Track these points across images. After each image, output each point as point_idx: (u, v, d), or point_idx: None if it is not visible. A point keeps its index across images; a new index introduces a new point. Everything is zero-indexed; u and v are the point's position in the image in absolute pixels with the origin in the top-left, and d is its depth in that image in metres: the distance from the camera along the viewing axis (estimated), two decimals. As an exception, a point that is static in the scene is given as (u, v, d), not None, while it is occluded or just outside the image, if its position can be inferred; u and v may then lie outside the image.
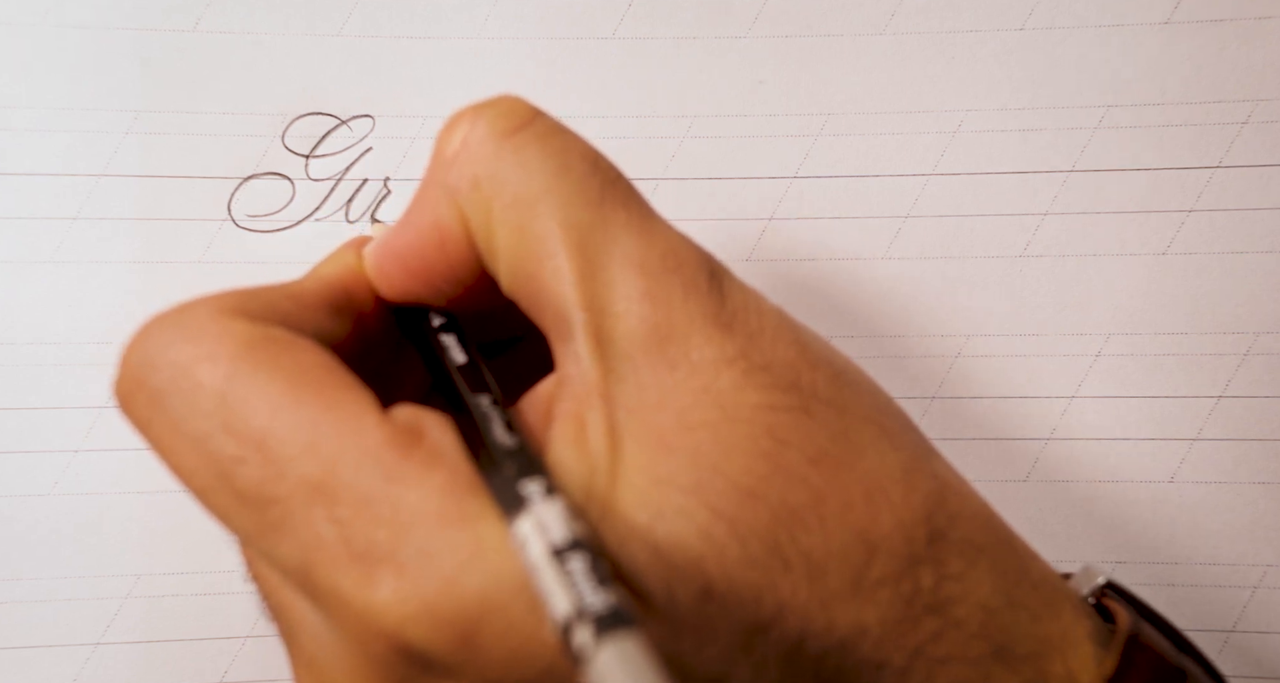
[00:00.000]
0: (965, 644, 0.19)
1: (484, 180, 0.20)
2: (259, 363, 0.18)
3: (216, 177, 0.32)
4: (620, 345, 0.19)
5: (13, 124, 0.32)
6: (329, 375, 0.19)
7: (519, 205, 0.19)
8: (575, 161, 0.20)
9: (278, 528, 0.18)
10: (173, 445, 0.19)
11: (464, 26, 0.32)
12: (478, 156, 0.20)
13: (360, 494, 0.17)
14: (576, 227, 0.19)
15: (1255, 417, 0.31)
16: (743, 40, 0.32)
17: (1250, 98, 0.32)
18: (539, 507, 0.17)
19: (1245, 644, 0.31)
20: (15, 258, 0.31)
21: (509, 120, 0.20)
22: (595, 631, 0.15)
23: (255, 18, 0.32)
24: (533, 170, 0.19)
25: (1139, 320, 0.32)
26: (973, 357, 0.32)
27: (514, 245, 0.19)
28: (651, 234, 0.19)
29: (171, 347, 0.19)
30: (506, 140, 0.20)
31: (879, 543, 0.18)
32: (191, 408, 0.18)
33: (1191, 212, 0.32)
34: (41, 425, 0.31)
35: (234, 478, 0.18)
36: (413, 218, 0.21)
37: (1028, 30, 0.32)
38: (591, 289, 0.19)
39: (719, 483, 0.18)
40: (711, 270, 0.20)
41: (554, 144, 0.20)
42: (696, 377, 0.18)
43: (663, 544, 0.17)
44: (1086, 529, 0.32)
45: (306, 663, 0.19)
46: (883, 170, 0.32)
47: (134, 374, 0.19)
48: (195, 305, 0.20)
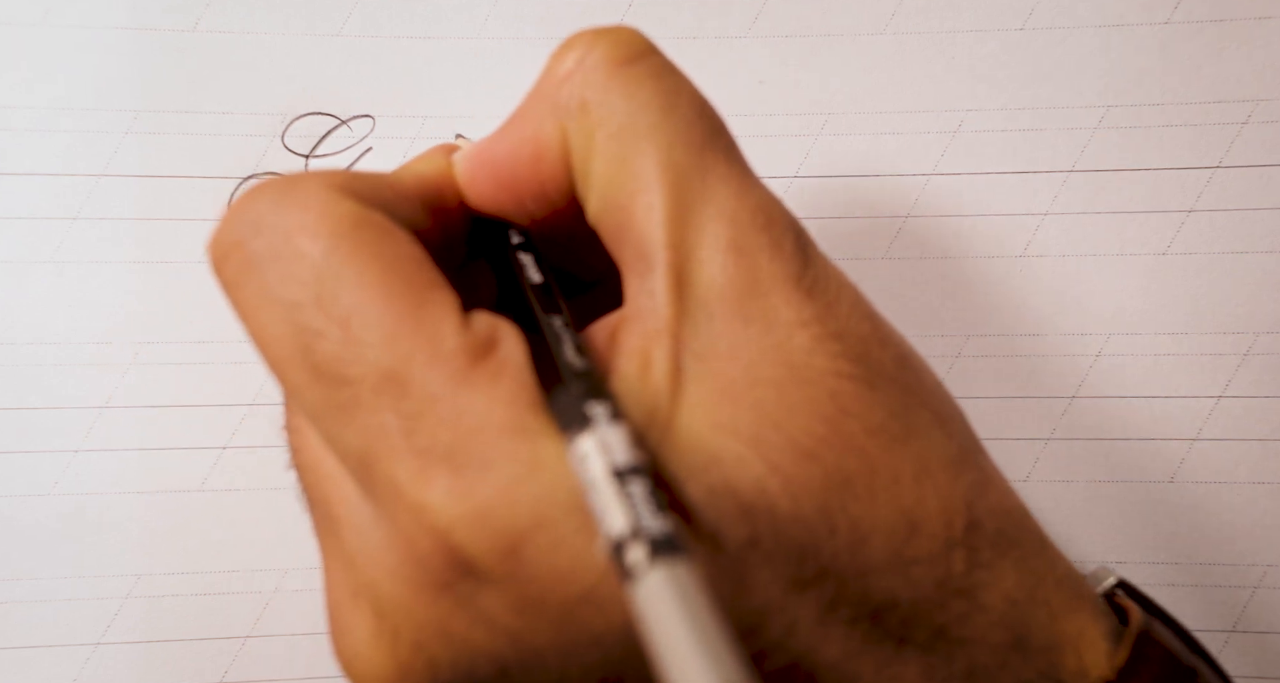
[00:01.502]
0: (986, 630, 0.19)
1: (593, 105, 0.20)
2: (359, 244, 0.18)
3: (216, 176, 0.32)
4: (699, 292, 0.19)
5: (13, 124, 0.32)
6: (420, 272, 0.19)
7: (623, 136, 0.19)
8: (684, 104, 0.20)
9: (345, 410, 0.18)
10: (259, 310, 0.19)
11: (464, 26, 0.32)
12: (590, 81, 0.20)
13: (429, 393, 0.18)
14: (676, 168, 0.19)
15: (1255, 417, 0.31)
16: (743, 40, 0.32)
17: (1250, 98, 0.32)
18: (603, 428, 0.17)
19: (1245, 644, 0.31)
20: (15, 258, 0.31)
21: (626, 50, 0.20)
22: (650, 552, 0.15)
23: (255, 18, 0.32)
24: (642, 104, 0.19)
25: (1139, 320, 0.32)
26: (973, 357, 0.32)
27: (611, 174, 0.19)
28: (747, 189, 0.19)
29: (278, 213, 0.19)
30: (621, 70, 0.20)
31: (921, 523, 0.19)
32: (286, 275, 0.18)
33: (1191, 212, 0.32)
34: (41, 425, 0.31)
35: (313, 351, 0.18)
36: (512, 129, 0.21)
37: (1028, 30, 0.32)
38: (680, 232, 0.19)
39: (778, 439, 0.18)
40: (799, 235, 0.20)
41: (666, 83, 0.20)
42: (770, 334, 0.19)
43: (717, 487, 0.17)
44: (1086, 529, 0.32)
45: (345, 561, 0.19)
46: (883, 170, 0.32)
47: (234, 234, 0.19)
48: (306, 177, 0.19)
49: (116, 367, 0.31)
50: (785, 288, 0.19)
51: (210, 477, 0.31)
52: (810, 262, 0.19)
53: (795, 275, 0.19)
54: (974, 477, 0.20)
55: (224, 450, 0.31)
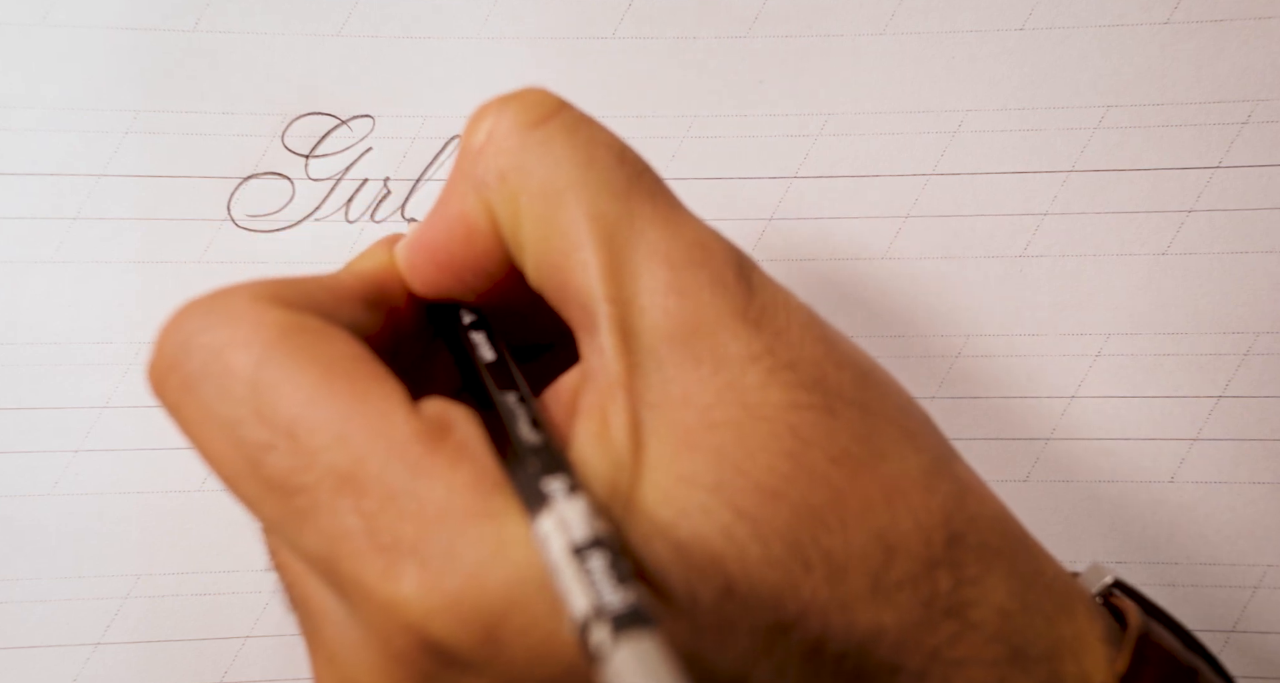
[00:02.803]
0: (981, 647, 0.19)
1: (510, 172, 0.20)
2: (292, 351, 0.18)
3: (216, 176, 0.32)
4: (645, 339, 0.19)
5: (13, 124, 0.32)
6: (361, 366, 0.19)
7: (545, 197, 0.19)
8: (601, 153, 0.20)
9: (304, 517, 0.18)
10: (203, 430, 0.19)
11: (464, 26, 0.32)
12: (503, 148, 0.20)
13: (387, 487, 0.17)
14: (602, 218, 0.19)
15: (1255, 417, 0.31)
16: (743, 40, 0.32)
17: (1250, 98, 0.32)
18: (561, 505, 0.17)
19: (1246, 644, 0.31)
20: (15, 258, 0.31)
21: (534, 112, 0.20)
22: (612, 629, 0.15)
23: (255, 18, 0.32)
24: (559, 162, 0.19)
25: (1139, 320, 0.32)
26: (973, 357, 0.32)
27: (540, 237, 0.19)
28: (679, 226, 0.19)
29: (206, 331, 0.19)
30: (532, 132, 0.20)
31: (898, 545, 0.18)
32: (223, 393, 0.18)
33: (1191, 212, 0.32)
34: (41, 425, 0.31)
35: (263, 465, 0.18)
36: (440, 211, 0.21)
37: (1028, 30, 0.32)
38: (617, 282, 0.19)
39: (742, 482, 0.18)
40: (739, 264, 0.19)
41: (580, 136, 0.20)
42: (721, 373, 0.18)
43: (685, 542, 0.17)
44: (1086, 529, 0.32)
45: (328, 658, 0.19)
46: (883, 170, 0.32)
47: (168, 357, 0.19)
48: (232, 291, 0.20)
49: (116, 367, 0.31)
50: (731, 323, 0.19)
51: (210, 477, 0.31)
52: (754, 291, 0.19)
53: (740, 309, 0.19)
54: (949, 488, 0.19)
55: (224, 450, 0.31)
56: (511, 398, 0.20)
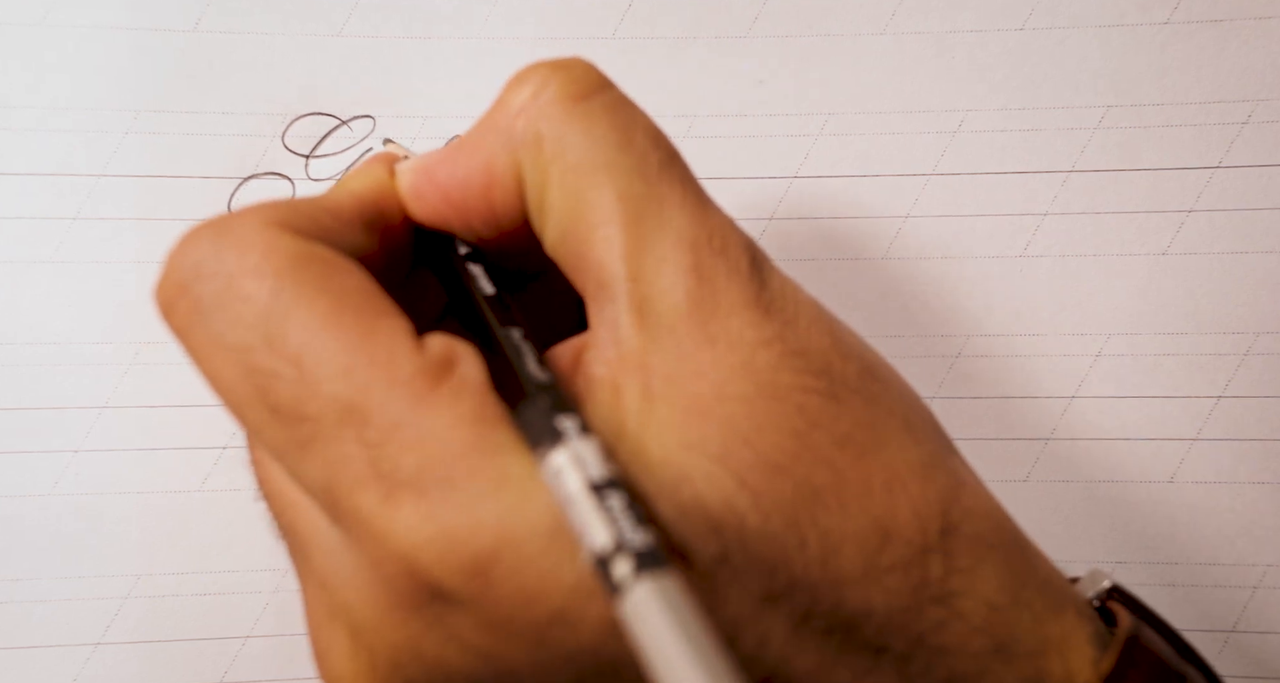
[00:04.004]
0: (966, 637, 0.19)
1: (548, 140, 0.20)
2: (304, 281, 0.19)
3: (216, 176, 0.32)
4: (663, 317, 0.19)
5: (13, 124, 0.32)
6: (369, 300, 0.19)
7: (579, 171, 0.20)
8: (639, 136, 0.20)
9: (306, 445, 0.18)
10: (212, 355, 0.19)
11: (464, 26, 0.32)
12: (546, 115, 0.20)
13: (389, 419, 0.18)
14: (633, 199, 0.19)
15: (1255, 417, 0.31)
16: (743, 40, 0.32)
17: (1250, 98, 0.32)
18: (575, 442, 0.17)
19: (1246, 644, 0.31)
20: (15, 258, 0.31)
21: (581, 85, 0.20)
22: (636, 565, 0.16)
23: (255, 18, 0.32)
24: (597, 139, 0.20)
25: (1139, 320, 0.32)
26: (973, 357, 0.32)
27: (568, 209, 0.20)
28: (702, 214, 0.20)
29: (219, 256, 0.19)
30: (576, 104, 0.20)
31: (893, 530, 0.19)
32: (235, 320, 0.18)
33: (1191, 212, 0.32)
34: (41, 425, 0.31)
35: (269, 392, 0.18)
36: (464, 156, 0.21)
37: (1028, 30, 0.32)
38: (640, 261, 0.19)
39: (747, 455, 0.18)
40: (754, 256, 0.20)
41: (621, 116, 0.20)
42: (734, 353, 0.19)
43: (686, 505, 0.18)
44: (1086, 529, 0.32)
45: (319, 583, 0.19)
46: (883, 170, 0.32)
47: (178, 281, 0.19)
48: (242, 215, 0.19)
49: (116, 367, 0.31)
50: (745, 309, 0.19)
51: (210, 477, 0.31)
52: (766, 281, 0.20)
53: (753, 296, 0.19)
54: (946, 481, 0.20)
55: (224, 450, 0.31)
56: (516, 334, 0.20)
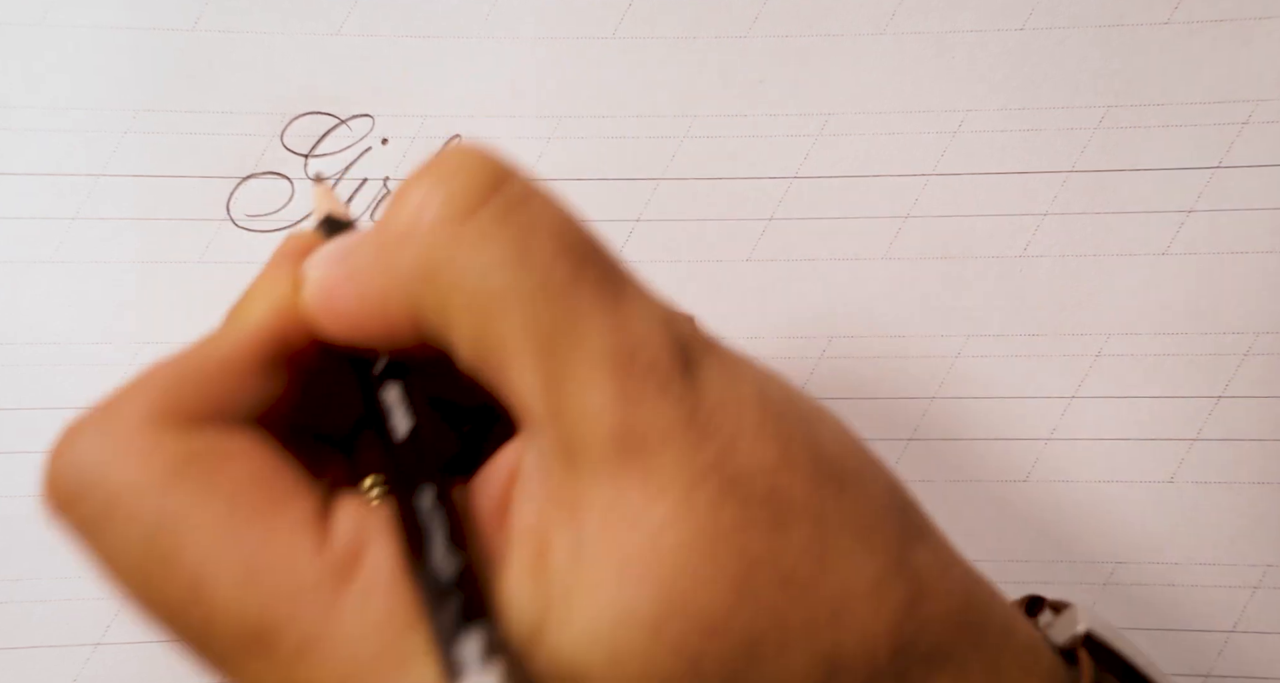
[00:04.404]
0: None
1: (440, 269, 0.18)
2: (190, 489, 0.18)
3: (216, 176, 0.32)
4: (591, 456, 0.17)
5: (13, 124, 0.32)
6: (265, 490, 0.18)
7: (478, 302, 0.18)
8: (541, 244, 0.18)
9: (221, 664, 0.18)
10: (110, 573, 0.18)
11: (464, 26, 0.32)
12: (432, 242, 0.18)
13: (296, 637, 0.17)
14: (540, 327, 0.17)
15: (1255, 417, 0.31)
16: (743, 40, 0.32)
17: (1250, 98, 0.32)
18: (474, 675, 0.16)
19: (1246, 645, 0.31)
20: (15, 258, 0.31)
21: (467, 197, 0.18)
22: None
23: (255, 17, 0.32)
24: (492, 263, 0.17)
25: (1139, 320, 0.32)
26: (973, 357, 0.32)
27: (475, 342, 0.18)
28: (624, 322, 0.18)
29: (99, 466, 0.18)
30: (464, 223, 0.18)
31: (840, 663, 0.18)
32: (123, 541, 0.18)
33: (1191, 212, 0.32)
34: (41, 425, 0.31)
35: (173, 616, 0.18)
36: (357, 283, 0.19)
37: (1028, 30, 0.32)
38: (559, 396, 0.17)
39: (684, 620, 0.17)
40: (688, 358, 0.18)
41: (517, 224, 0.18)
42: (670, 493, 0.17)
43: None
44: (1086, 529, 0.32)
45: None
46: (883, 170, 0.32)
47: (63, 490, 0.18)
48: (122, 411, 0.18)
49: (116, 367, 0.31)
50: (680, 435, 0.17)
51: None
52: (703, 391, 0.18)
53: (688, 416, 0.17)
54: (900, 595, 0.18)
55: (224, 450, 0.31)
56: (428, 499, 0.18)
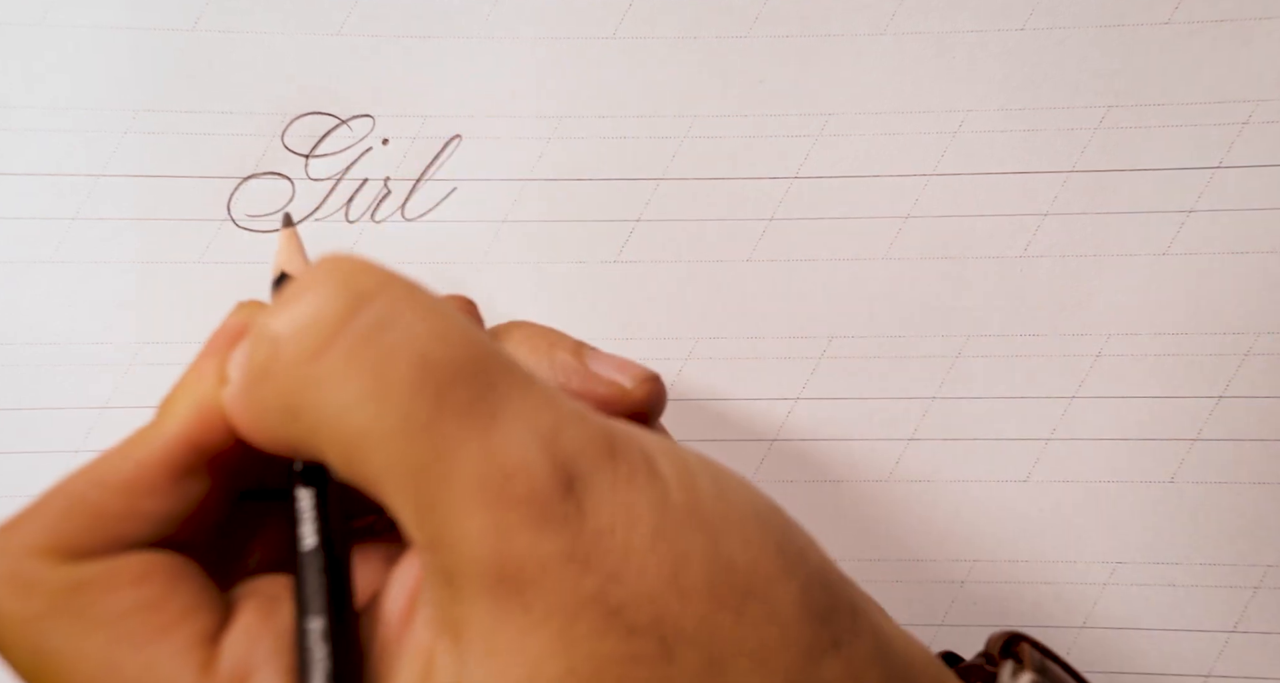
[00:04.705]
0: None
1: (300, 409, 0.17)
2: (70, 623, 0.18)
3: (216, 176, 0.32)
4: (470, 585, 0.17)
5: (13, 124, 0.32)
6: (150, 619, 0.18)
7: (342, 442, 0.17)
8: (400, 375, 0.17)
9: None
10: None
11: (464, 26, 0.32)
12: (288, 382, 0.17)
13: None
14: (406, 463, 0.17)
15: (1255, 417, 0.31)
16: (743, 40, 0.32)
17: (1250, 98, 0.32)
18: None
19: (1246, 645, 0.31)
20: (15, 258, 0.31)
21: (321, 329, 0.17)
22: None
23: (255, 17, 0.32)
24: (349, 401, 0.17)
25: (1139, 320, 0.32)
26: (973, 357, 0.32)
27: (348, 474, 0.17)
28: (495, 449, 0.17)
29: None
30: (318, 361, 0.17)
31: None
32: (17, 670, 0.18)
33: (1191, 212, 0.32)
34: (41, 425, 0.31)
35: None
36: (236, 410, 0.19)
37: (1028, 30, 0.32)
38: (434, 529, 0.17)
39: None
40: (572, 479, 0.17)
41: (373, 356, 0.17)
42: (550, 623, 0.16)
43: None
44: (1086, 529, 0.32)
45: None
46: (883, 170, 0.32)
47: None
48: (10, 542, 0.18)
49: (116, 367, 0.31)
50: (559, 566, 0.16)
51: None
52: (586, 516, 0.17)
53: (567, 548, 0.16)
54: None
55: (224, 450, 0.31)
56: (317, 628, 0.18)
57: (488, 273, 0.32)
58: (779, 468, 0.32)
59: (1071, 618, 0.32)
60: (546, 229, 0.32)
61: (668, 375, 0.32)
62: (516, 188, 0.32)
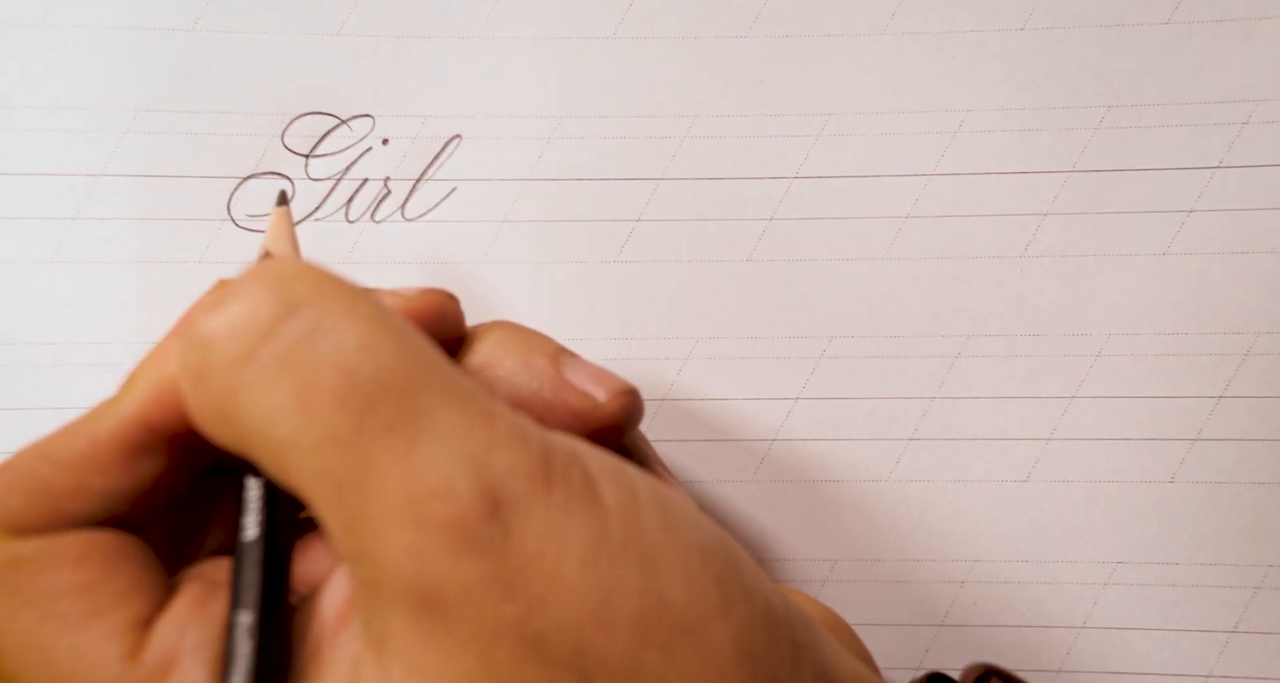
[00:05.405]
0: None
1: (229, 415, 0.17)
2: (4, 599, 0.18)
3: (216, 176, 0.32)
4: (394, 602, 0.16)
5: (13, 124, 0.32)
6: (83, 600, 0.18)
7: (268, 450, 0.17)
8: (325, 385, 0.16)
9: None
10: None
11: (464, 26, 0.32)
12: (217, 386, 0.17)
13: None
14: (328, 477, 0.16)
15: (1256, 417, 0.31)
16: (743, 40, 0.32)
17: (1250, 98, 0.32)
18: None
19: (1246, 645, 0.31)
20: (15, 258, 0.31)
21: (249, 333, 0.17)
22: None
23: (255, 17, 0.32)
24: (275, 411, 0.17)
25: (1139, 320, 0.32)
26: (973, 357, 0.32)
27: (278, 478, 0.17)
28: (419, 469, 0.16)
29: None
30: (245, 368, 0.17)
31: None
32: None
33: (1191, 212, 0.32)
34: (41, 425, 0.31)
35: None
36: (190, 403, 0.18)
37: (1028, 30, 0.32)
38: (356, 542, 0.16)
39: None
40: (496, 503, 0.16)
41: (299, 366, 0.17)
42: (472, 645, 0.16)
43: None
44: (1086, 529, 0.31)
45: None
46: (883, 170, 0.32)
47: None
48: None
49: (116, 367, 0.31)
50: (480, 591, 0.16)
51: (210, 477, 0.31)
52: (512, 540, 0.16)
53: (490, 573, 0.16)
54: None
55: (224, 450, 0.31)
56: (245, 622, 0.17)
57: (488, 273, 0.32)
58: (779, 468, 0.32)
59: (1071, 618, 0.32)
60: (546, 229, 0.32)
61: (668, 375, 0.32)
62: (516, 188, 0.32)
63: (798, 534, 0.32)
